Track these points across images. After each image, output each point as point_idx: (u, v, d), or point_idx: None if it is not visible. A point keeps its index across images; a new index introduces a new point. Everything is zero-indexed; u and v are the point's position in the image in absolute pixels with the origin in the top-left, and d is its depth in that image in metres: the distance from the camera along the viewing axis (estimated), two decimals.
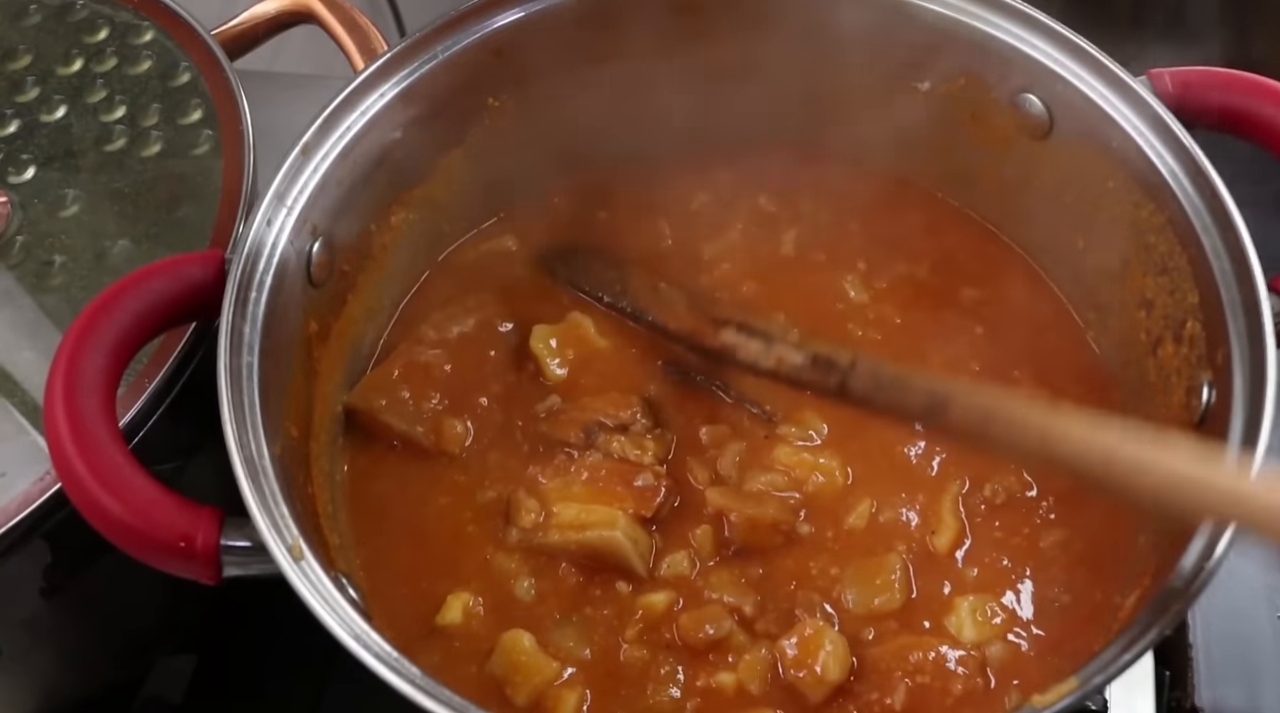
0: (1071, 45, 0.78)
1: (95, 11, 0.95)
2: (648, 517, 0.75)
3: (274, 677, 0.90)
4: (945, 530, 0.75)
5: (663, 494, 0.76)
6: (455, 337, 0.83)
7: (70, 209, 0.84)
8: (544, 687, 0.70)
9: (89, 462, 0.63)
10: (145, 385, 0.73)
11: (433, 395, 0.80)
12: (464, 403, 0.81)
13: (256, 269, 0.71)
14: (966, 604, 0.72)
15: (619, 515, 0.74)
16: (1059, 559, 0.75)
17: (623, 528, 0.74)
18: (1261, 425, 0.63)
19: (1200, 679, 0.83)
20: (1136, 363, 0.79)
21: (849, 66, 0.86)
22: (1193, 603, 0.60)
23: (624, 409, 0.80)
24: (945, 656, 0.70)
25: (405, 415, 0.79)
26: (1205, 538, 0.61)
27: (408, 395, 0.80)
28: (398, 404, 0.80)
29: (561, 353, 0.83)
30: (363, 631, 0.60)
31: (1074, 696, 0.58)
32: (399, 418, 0.79)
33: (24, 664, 0.81)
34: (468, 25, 0.82)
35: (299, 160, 0.75)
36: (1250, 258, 0.68)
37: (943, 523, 0.75)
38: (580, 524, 0.74)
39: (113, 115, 0.89)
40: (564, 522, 0.74)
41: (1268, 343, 0.66)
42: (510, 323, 0.85)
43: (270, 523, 0.62)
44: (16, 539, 0.70)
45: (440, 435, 0.79)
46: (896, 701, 0.69)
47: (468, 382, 0.82)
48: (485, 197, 0.90)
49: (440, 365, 0.81)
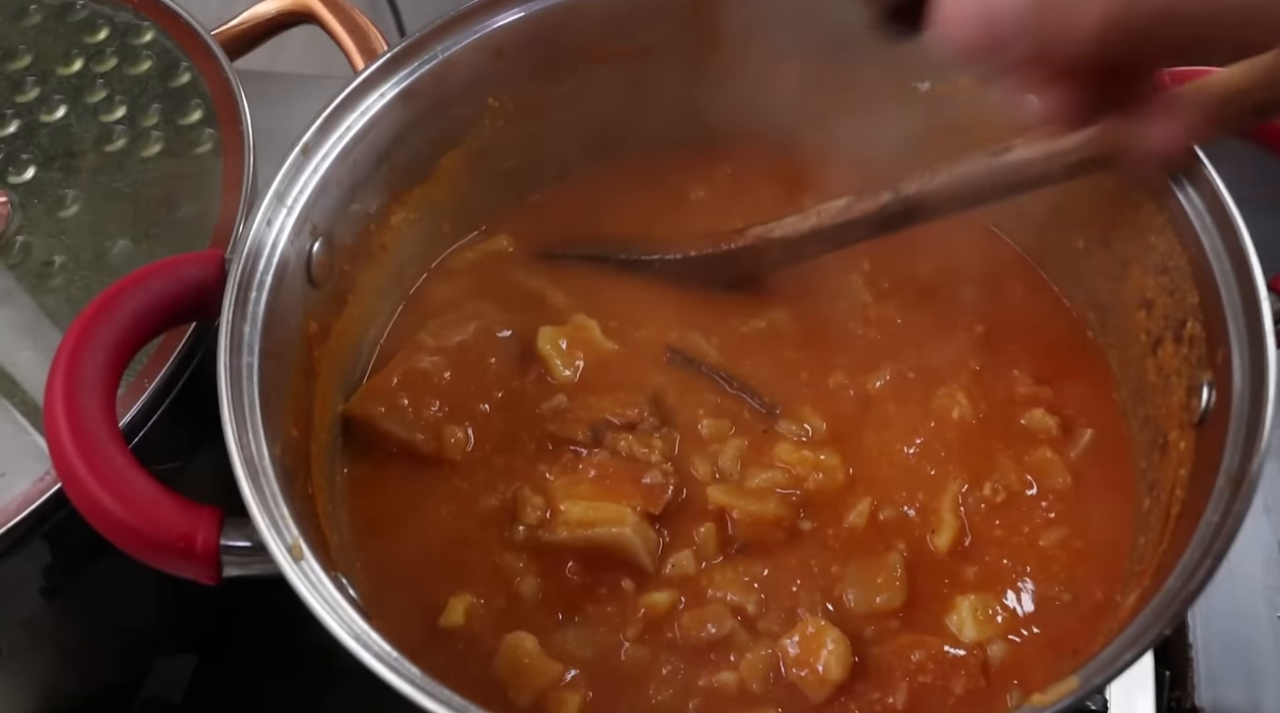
0: None
1: (95, 11, 0.95)
2: (655, 514, 0.75)
3: (274, 677, 0.90)
4: (945, 529, 0.75)
5: (670, 492, 0.76)
6: (454, 344, 0.83)
7: (70, 209, 0.84)
8: (546, 689, 0.70)
9: (89, 462, 0.63)
10: (145, 385, 0.73)
11: (432, 402, 0.80)
12: (464, 409, 0.81)
13: (256, 269, 0.71)
14: (967, 603, 0.72)
15: (628, 513, 0.74)
16: (1059, 558, 0.75)
17: (632, 525, 0.74)
18: (1261, 425, 0.63)
19: (1200, 679, 0.84)
20: (1136, 363, 0.79)
21: (848, 65, 0.86)
22: (1193, 603, 0.60)
23: (631, 408, 0.80)
24: (947, 655, 0.70)
25: (405, 423, 0.79)
26: (1205, 538, 0.61)
27: (407, 403, 0.80)
28: (397, 411, 0.79)
29: (569, 354, 0.83)
30: (363, 631, 0.60)
31: (1074, 696, 0.58)
32: (399, 425, 0.79)
33: (24, 664, 0.81)
34: (468, 25, 0.82)
35: (299, 160, 0.75)
36: (1250, 258, 0.68)
37: (943, 522, 0.75)
38: (589, 521, 0.74)
39: (113, 115, 0.89)
40: (572, 519, 0.74)
41: (1268, 343, 0.66)
42: (509, 330, 0.84)
43: (270, 523, 0.62)
44: (16, 539, 0.70)
45: (441, 442, 0.79)
46: (898, 700, 0.69)
47: (468, 388, 0.81)
48: (485, 197, 0.90)
49: (440, 372, 0.81)
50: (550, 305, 0.87)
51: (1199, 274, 0.71)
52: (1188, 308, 0.73)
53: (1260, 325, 0.66)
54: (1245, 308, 0.68)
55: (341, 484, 0.79)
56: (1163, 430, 0.74)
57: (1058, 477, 0.77)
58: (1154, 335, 0.77)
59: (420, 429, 0.79)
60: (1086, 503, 0.76)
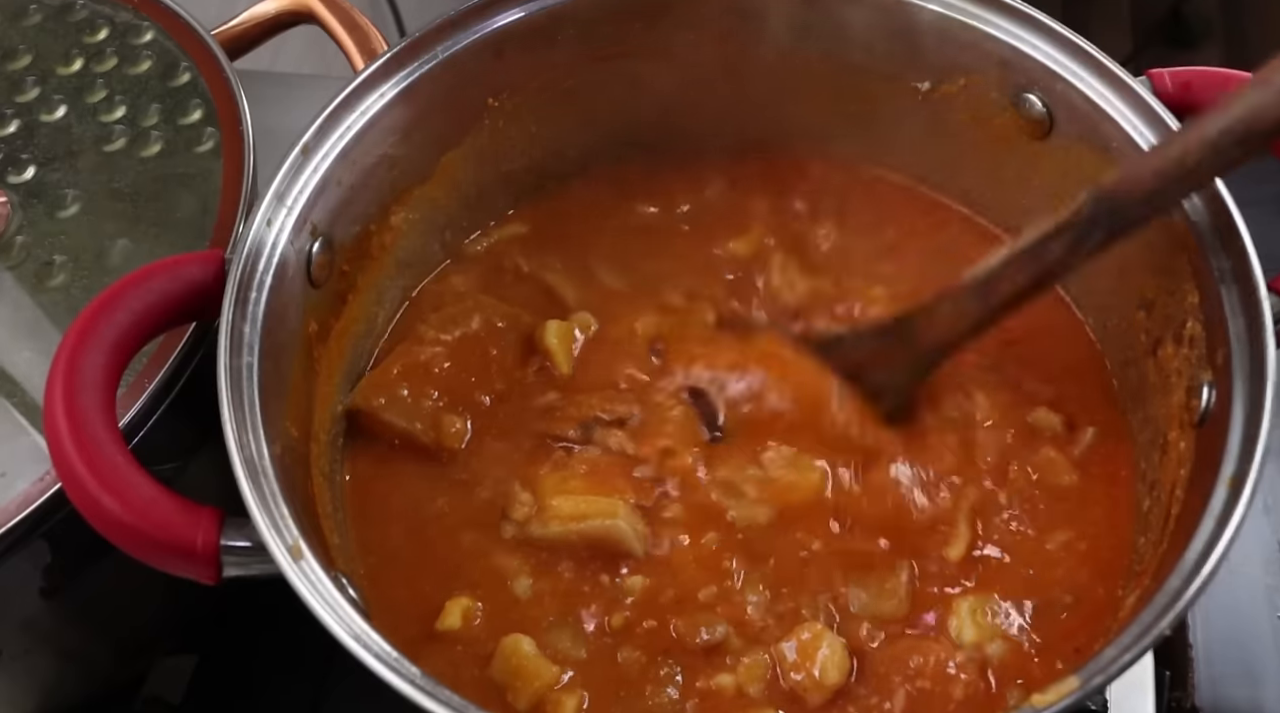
0: (1071, 45, 0.78)
1: (95, 11, 0.95)
2: (648, 507, 0.75)
3: (274, 677, 0.90)
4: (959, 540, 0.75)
5: (664, 486, 0.76)
6: (456, 337, 0.83)
7: (70, 209, 0.84)
8: (544, 691, 0.70)
9: (89, 462, 0.62)
10: (145, 385, 0.73)
11: (432, 393, 0.80)
12: (464, 401, 0.81)
13: (256, 269, 0.71)
14: (966, 606, 0.72)
15: (620, 504, 0.74)
16: (1062, 560, 0.74)
17: (624, 516, 0.74)
18: (1261, 425, 0.63)
19: (1200, 679, 0.83)
20: (1136, 363, 0.79)
21: (848, 66, 0.86)
22: (1193, 603, 0.60)
23: (620, 404, 0.80)
24: (945, 660, 0.70)
25: (404, 412, 0.79)
26: (1205, 538, 0.61)
27: (407, 393, 0.80)
28: (397, 402, 0.79)
29: (570, 348, 0.83)
30: (363, 630, 0.60)
31: (1074, 696, 0.58)
32: (398, 415, 0.79)
33: (24, 664, 0.81)
34: (468, 25, 0.82)
35: (299, 160, 0.75)
36: (1250, 258, 0.68)
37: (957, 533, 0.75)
38: (581, 515, 0.74)
39: (113, 115, 0.89)
40: (564, 514, 0.74)
41: (1268, 343, 0.66)
42: (512, 323, 0.84)
43: (270, 523, 0.62)
44: (16, 539, 0.70)
45: (440, 431, 0.79)
46: (896, 705, 0.69)
47: (468, 380, 0.81)
48: (485, 197, 0.90)
49: (440, 363, 0.81)
50: (552, 300, 0.87)
51: (1199, 274, 0.71)
52: (1188, 308, 0.73)
53: (1260, 325, 0.66)
54: (1245, 308, 0.68)
55: (342, 486, 0.79)
56: (1163, 430, 0.74)
57: (1063, 476, 0.77)
58: (1154, 335, 0.77)
59: (420, 419, 0.79)
60: (1089, 503, 0.76)
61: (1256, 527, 0.90)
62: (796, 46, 0.86)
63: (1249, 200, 0.70)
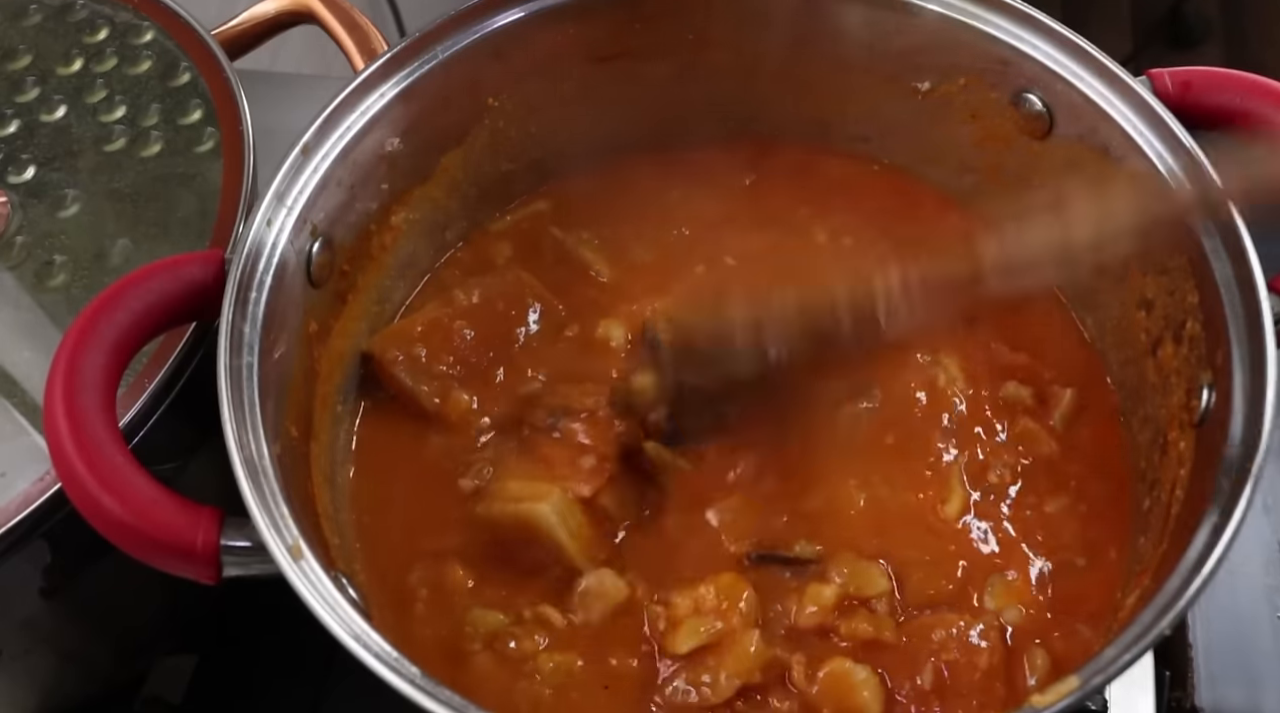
0: (1071, 45, 0.78)
1: (95, 11, 0.95)
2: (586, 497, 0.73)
3: (274, 677, 0.90)
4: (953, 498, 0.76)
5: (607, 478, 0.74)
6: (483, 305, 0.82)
7: (70, 209, 0.84)
8: None
9: (89, 462, 0.63)
10: (145, 385, 0.73)
11: (448, 359, 0.81)
12: (477, 375, 0.81)
13: (256, 269, 0.71)
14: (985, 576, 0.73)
15: (554, 490, 0.72)
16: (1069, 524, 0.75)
17: (554, 503, 0.72)
18: (1261, 425, 0.63)
19: (1200, 679, 0.83)
20: (1136, 363, 0.79)
21: (849, 66, 0.86)
22: (1193, 603, 0.60)
23: (590, 396, 0.78)
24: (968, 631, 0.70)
25: (416, 372, 0.80)
26: (1205, 538, 0.61)
27: (424, 354, 0.80)
28: (411, 361, 0.80)
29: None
30: (363, 630, 0.60)
31: (1074, 696, 0.58)
32: (407, 374, 0.79)
33: (24, 664, 0.81)
34: (468, 25, 0.82)
35: (299, 160, 0.76)
36: (1250, 258, 0.68)
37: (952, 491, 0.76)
38: (516, 497, 0.73)
39: (113, 115, 0.89)
40: (506, 494, 0.74)
41: (1268, 343, 0.66)
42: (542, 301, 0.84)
43: (270, 523, 0.62)
44: (16, 539, 0.70)
45: (445, 402, 0.80)
46: (925, 681, 0.69)
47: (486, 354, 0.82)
48: (485, 196, 0.90)
49: (462, 331, 0.81)
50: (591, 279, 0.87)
51: (1199, 274, 0.71)
52: (1188, 308, 0.73)
53: (1260, 325, 0.66)
54: (1245, 308, 0.68)
55: (343, 484, 0.79)
56: (1163, 430, 0.74)
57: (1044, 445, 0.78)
58: (1154, 335, 0.77)
59: (428, 382, 0.80)
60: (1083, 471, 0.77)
61: (1256, 527, 0.90)
62: (797, 47, 0.86)
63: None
